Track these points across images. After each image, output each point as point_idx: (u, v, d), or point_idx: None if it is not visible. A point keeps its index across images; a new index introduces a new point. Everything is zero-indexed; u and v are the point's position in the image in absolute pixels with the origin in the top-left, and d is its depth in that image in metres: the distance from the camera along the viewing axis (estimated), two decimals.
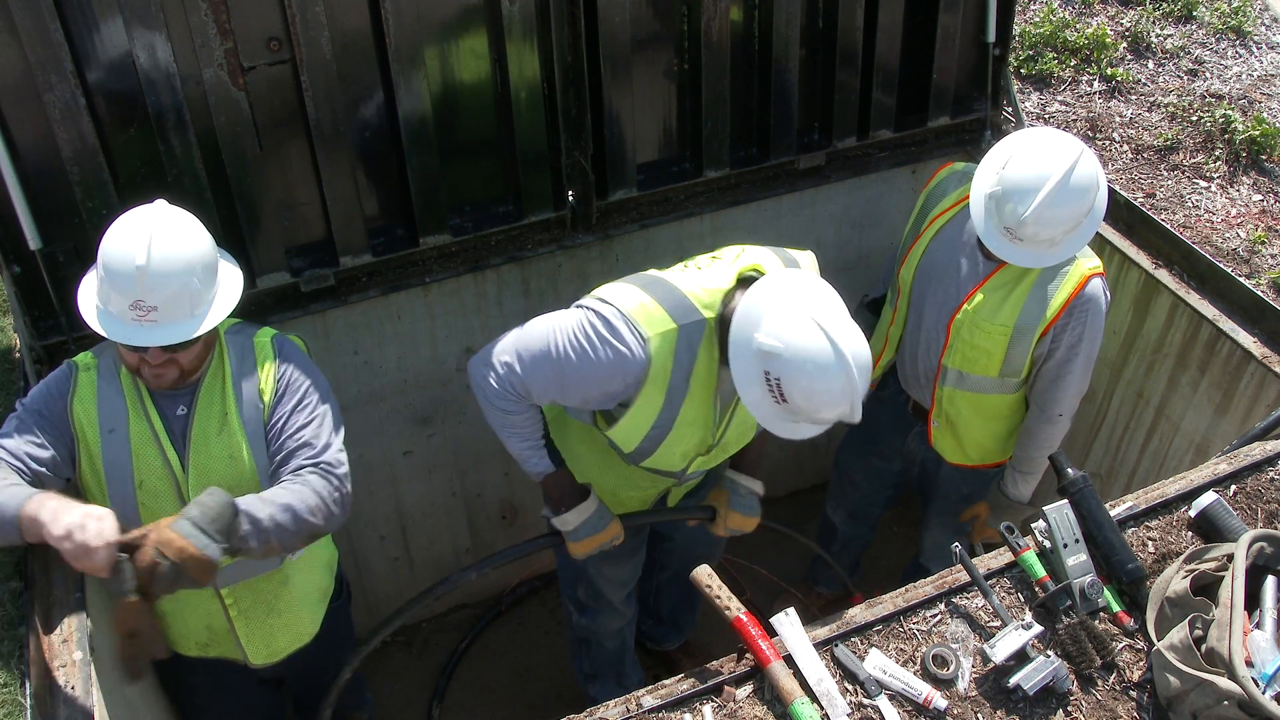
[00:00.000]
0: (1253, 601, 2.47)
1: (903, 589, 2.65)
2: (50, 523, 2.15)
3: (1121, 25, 4.87)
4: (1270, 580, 2.51)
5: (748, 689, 2.41)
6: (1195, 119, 4.38)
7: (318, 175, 3.24)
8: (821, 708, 2.34)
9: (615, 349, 2.47)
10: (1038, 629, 2.48)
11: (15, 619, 2.56)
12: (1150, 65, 4.71)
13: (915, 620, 2.58)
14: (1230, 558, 2.52)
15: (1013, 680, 2.41)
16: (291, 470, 2.47)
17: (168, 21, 2.82)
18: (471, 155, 3.49)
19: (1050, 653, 2.48)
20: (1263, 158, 4.24)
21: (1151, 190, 4.09)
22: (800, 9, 3.64)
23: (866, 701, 2.40)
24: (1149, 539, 2.77)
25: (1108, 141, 4.32)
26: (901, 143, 4.12)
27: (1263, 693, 2.26)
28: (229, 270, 2.48)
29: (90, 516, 2.15)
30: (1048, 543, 2.63)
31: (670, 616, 4.01)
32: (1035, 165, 2.84)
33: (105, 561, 2.14)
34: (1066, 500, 2.68)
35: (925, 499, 3.78)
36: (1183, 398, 3.65)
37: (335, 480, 2.47)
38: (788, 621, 2.48)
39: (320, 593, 2.91)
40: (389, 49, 3.10)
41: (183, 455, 2.47)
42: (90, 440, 2.43)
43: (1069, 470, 2.74)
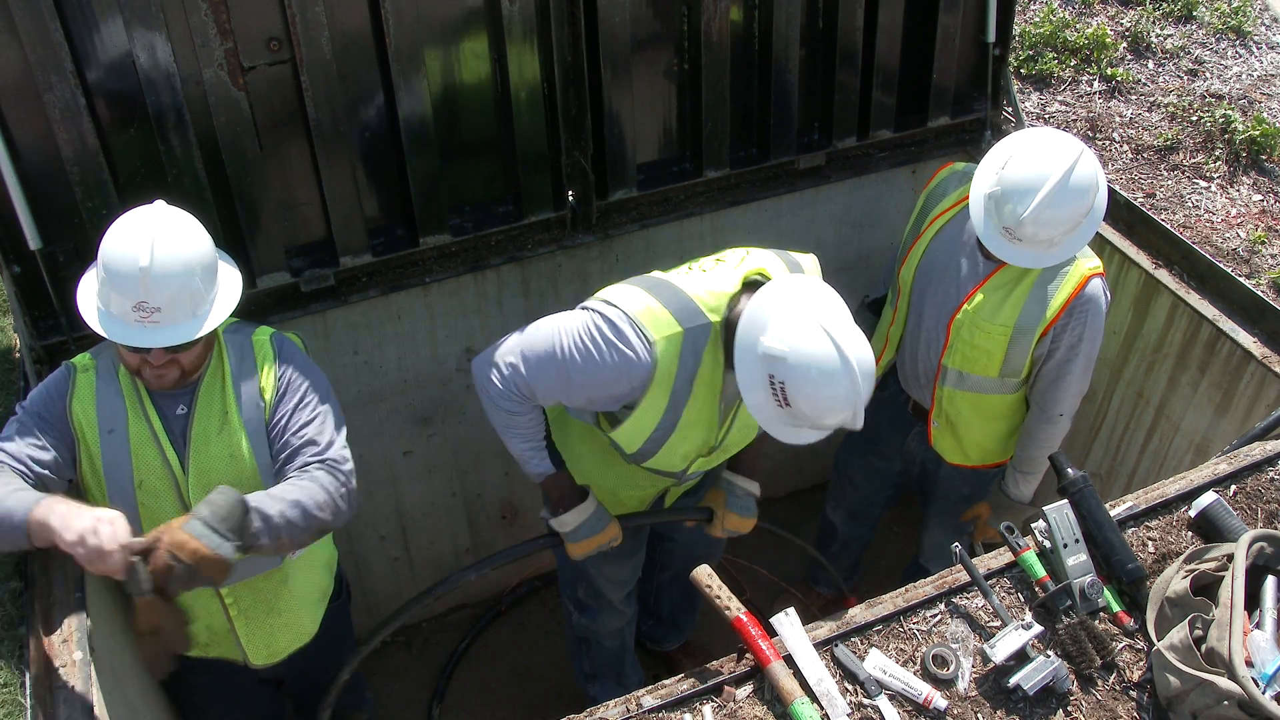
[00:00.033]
0: (1253, 601, 2.47)
1: (903, 589, 2.65)
2: (61, 529, 2.15)
3: (1121, 25, 4.86)
4: (1270, 580, 2.51)
5: (748, 689, 2.41)
6: (1195, 119, 4.38)
7: (318, 175, 3.24)
8: (821, 708, 2.34)
9: (621, 352, 2.47)
10: (1038, 629, 2.47)
11: (15, 619, 2.56)
12: (1150, 65, 4.71)
13: (915, 620, 2.58)
14: (1230, 558, 2.52)
15: (1013, 680, 2.41)
16: (298, 467, 2.47)
17: (168, 21, 2.82)
18: (471, 155, 3.49)
19: (1050, 653, 2.48)
20: (1263, 158, 4.24)
21: (1151, 190, 4.09)
22: (800, 9, 3.64)
23: (866, 701, 2.40)
24: (1149, 539, 2.77)
25: (1108, 141, 4.32)
26: (901, 143, 4.12)
27: (1263, 693, 2.26)
28: (227, 270, 2.48)
29: (101, 520, 2.15)
30: (1048, 543, 2.63)
31: (670, 617, 4.01)
32: (1034, 165, 2.83)
33: (119, 565, 2.15)
34: (1066, 500, 2.68)
35: (925, 499, 3.78)
36: (1183, 398, 3.65)
37: (342, 476, 2.48)
38: (788, 621, 2.48)
39: (320, 592, 2.91)
40: (389, 49, 3.10)
41: (182, 455, 2.47)
42: (90, 441, 2.43)
43: (1069, 470, 2.74)
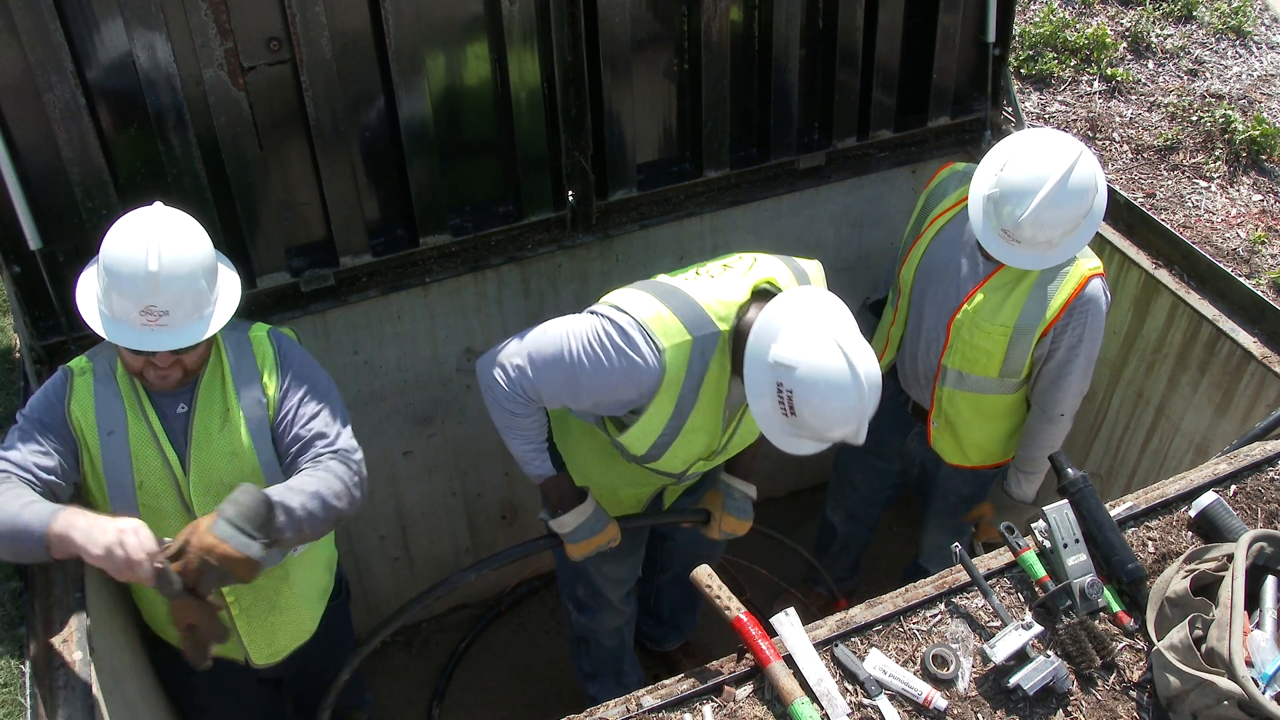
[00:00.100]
0: (1253, 601, 2.47)
1: (903, 589, 2.65)
2: (86, 543, 2.14)
3: (1121, 25, 4.86)
4: (1270, 580, 2.51)
5: (748, 689, 2.41)
6: (1195, 119, 4.38)
7: (318, 175, 3.24)
8: (821, 708, 2.34)
9: (630, 359, 2.47)
10: (1038, 629, 2.47)
11: (15, 619, 2.55)
12: (1150, 65, 4.71)
13: (915, 620, 2.58)
14: (1230, 558, 2.52)
15: (1013, 680, 2.41)
16: (310, 458, 2.49)
17: (168, 21, 2.82)
18: (472, 155, 3.49)
19: (1050, 653, 2.48)
20: (1263, 158, 4.24)
21: (1151, 190, 4.09)
22: (800, 9, 3.64)
23: (866, 701, 2.40)
24: (1149, 539, 2.77)
25: (1108, 141, 4.32)
26: (901, 143, 4.12)
27: (1263, 693, 2.26)
28: (225, 269, 2.49)
29: (125, 532, 2.15)
30: (1048, 543, 2.63)
31: (671, 617, 4.01)
32: (1033, 167, 2.83)
33: (148, 574, 2.15)
34: (1066, 500, 2.68)
35: (924, 500, 3.78)
36: (1183, 398, 3.65)
37: (354, 465, 2.51)
38: (788, 621, 2.48)
39: (320, 590, 2.91)
40: (389, 49, 3.10)
41: (183, 454, 2.47)
42: (90, 443, 2.43)
43: (1069, 470, 2.74)
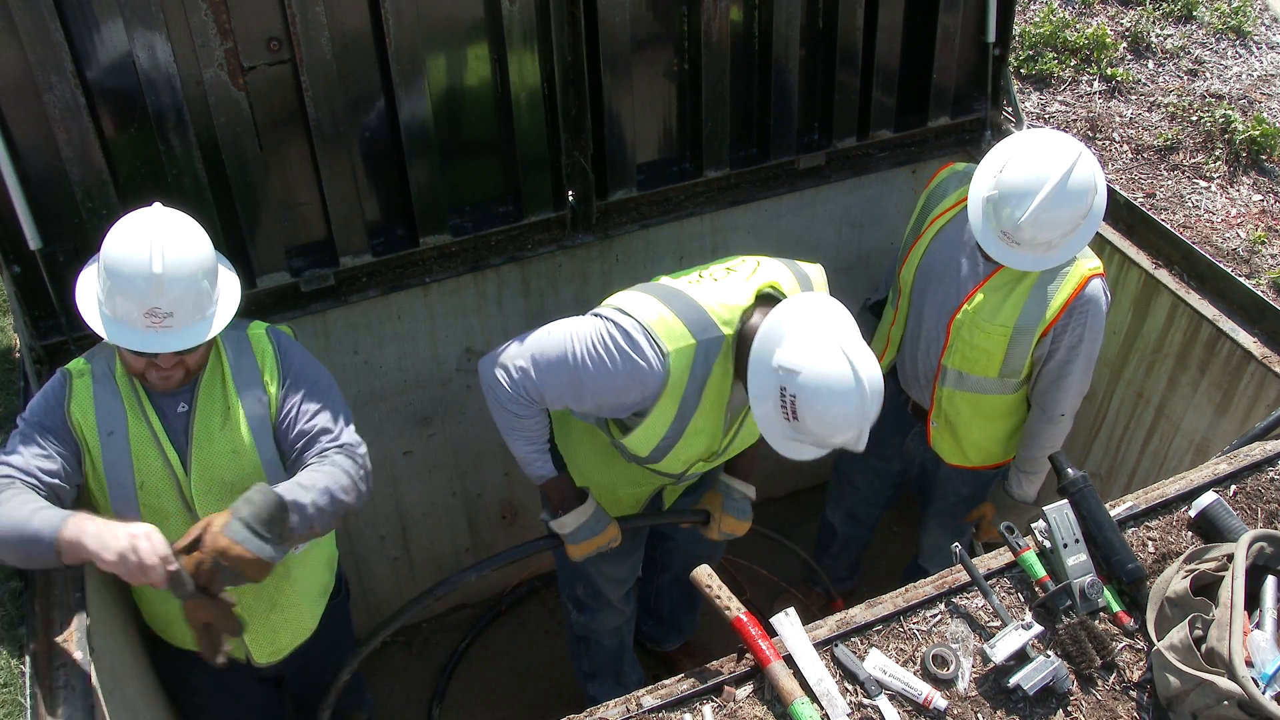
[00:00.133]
0: (1253, 601, 2.47)
1: (903, 589, 2.65)
2: (99, 550, 2.15)
3: (1121, 25, 4.86)
4: (1270, 580, 2.51)
5: (748, 689, 2.41)
6: (1195, 119, 4.38)
7: (318, 175, 3.23)
8: (821, 708, 2.34)
9: (634, 362, 2.47)
10: (1038, 629, 2.47)
11: (15, 619, 2.55)
12: (1150, 65, 4.71)
13: (915, 620, 2.58)
14: (1230, 558, 2.51)
15: (1013, 680, 2.41)
16: (316, 453, 2.49)
17: (168, 21, 2.82)
18: (472, 155, 3.49)
19: (1050, 653, 2.48)
20: (1263, 158, 4.24)
21: (1151, 190, 4.09)
22: (800, 9, 3.64)
23: (866, 701, 2.40)
24: (1149, 539, 2.77)
25: (1108, 141, 4.32)
26: (901, 143, 4.12)
27: (1263, 693, 2.26)
28: (223, 269, 2.49)
29: (137, 537, 2.15)
30: (1048, 543, 2.63)
31: (671, 617, 4.01)
32: (1032, 168, 2.83)
33: (162, 578, 2.15)
34: (1066, 500, 2.68)
35: (924, 500, 3.78)
36: (1183, 398, 3.65)
37: (359, 459, 2.52)
38: (788, 621, 2.48)
39: (320, 588, 2.91)
40: (389, 49, 3.10)
41: (184, 454, 2.47)
42: (91, 444, 2.43)
43: (1069, 470, 2.74)
